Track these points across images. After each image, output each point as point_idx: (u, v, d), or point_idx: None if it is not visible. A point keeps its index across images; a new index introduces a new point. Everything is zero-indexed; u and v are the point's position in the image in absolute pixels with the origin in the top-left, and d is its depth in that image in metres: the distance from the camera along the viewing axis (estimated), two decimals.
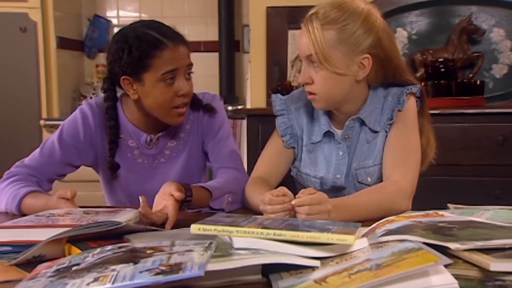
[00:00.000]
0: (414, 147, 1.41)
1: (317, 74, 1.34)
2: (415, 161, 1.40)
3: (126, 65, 1.38)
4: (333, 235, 0.86)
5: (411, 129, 1.42)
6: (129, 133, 1.50)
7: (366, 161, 1.43)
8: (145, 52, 1.35)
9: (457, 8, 2.67)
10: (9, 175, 1.40)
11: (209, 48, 3.88)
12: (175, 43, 1.38)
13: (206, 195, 1.31)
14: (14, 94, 3.32)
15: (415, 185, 1.37)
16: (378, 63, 1.36)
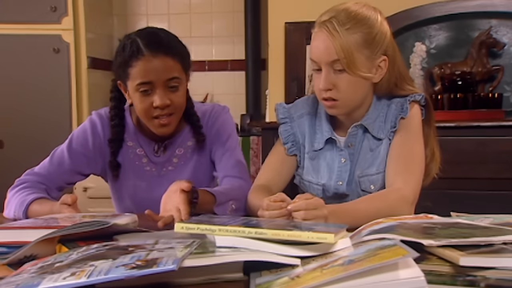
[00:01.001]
0: (418, 154, 1.40)
1: (342, 79, 1.33)
2: (418, 168, 1.39)
3: (116, 70, 1.42)
4: (313, 233, 0.88)
5: (415, 137, 1.41)
6: (138, 141, 1.54)
7: (370, 169, 1.43)
8: (125, 59, 1.37)
9: (477, 22, 2.66)
10: (19, 182, 1.45)
11: (236, 67, 3.94)
12: (153, 53, 1.36)
13: (211, 199, 1.32)
14: (46, 113, 3.44)
15: (417, 193, 1.37)
16: (389, 66, 1.38)
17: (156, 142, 1.54)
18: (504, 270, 0.78)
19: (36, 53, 3.47)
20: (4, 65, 3.46)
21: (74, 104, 3.51)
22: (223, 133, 1.56)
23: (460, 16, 2.68)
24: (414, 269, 0.75)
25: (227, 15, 3.96)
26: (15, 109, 3.43)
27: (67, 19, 3.47)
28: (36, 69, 3.47)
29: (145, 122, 1.45)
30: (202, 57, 3.99)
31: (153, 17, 4.05)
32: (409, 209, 1.32)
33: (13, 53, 3.46)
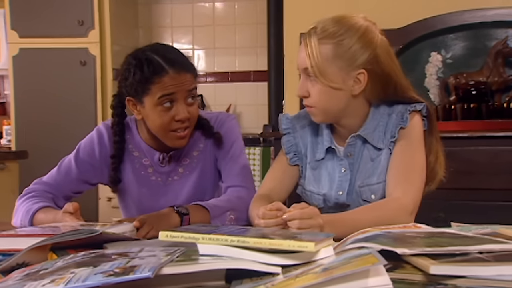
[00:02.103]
0: (418, 164, 1.41)
1: (314, 87, 1.37)
2: (418, 178, 1.40)
3: (130, 87, 1.45)
4: (294, 242, 0.90)
5: (416, 147, 1.42)
6: (143, 151, 1.57)
7: (370, 178, 1.45)
8: (146, 76, 1.41)
9: (494, 31, 2.65)
10: (27, 191, 1.50)
11: (259, 78, 3.98)
12: (177, 70, 1.42)
13: (204, 215, 1.36)
14: (71, 124, 3.53)
15: (417, 202, 1.38)
16: (375, 80, 1.38)
17: (161, 152, 1.57)
18: (474, 279, 0.79)
19: (64, 66, 3.58)
20: (33, 78, 3.58)
21: (100, 115, 3.59)
22: (228, 141, 1.58)
23: (476, 25, 2.67)
24: (383, 277, 0.78)
25: (250, 27, 4.01)
26: (41, 120, 3.54)
27: (94, 32, 3.57)
28: (63, 81, 3.57)
29: (161, 136, 1.48)
30: (225, 68, 4.05)
31: (177, 29, 4.13)
32: (408, 218, 1.32)
33: (41, 66, 3.58)
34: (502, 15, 2.57)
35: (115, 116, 1.55)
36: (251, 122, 3.97)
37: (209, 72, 4.06)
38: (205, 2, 4.06)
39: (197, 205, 1.39)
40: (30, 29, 3.58)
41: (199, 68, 4.05)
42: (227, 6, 4.05)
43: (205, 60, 4.08)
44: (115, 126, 1.55)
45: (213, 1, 4.06)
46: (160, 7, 4.09)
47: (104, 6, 3.60)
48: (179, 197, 1.55)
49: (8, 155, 2.86)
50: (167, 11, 4.10)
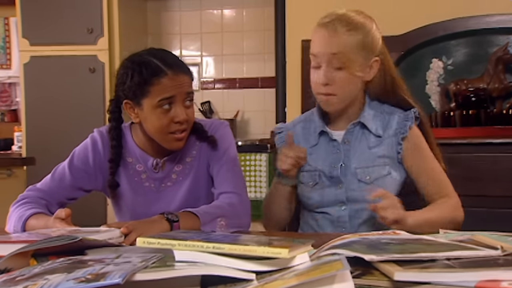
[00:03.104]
0: (440, 168, 1.56)
1: (338, 75, 1.46)
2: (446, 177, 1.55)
3: (128, 90, 1.46)
4: (268, 248, 0.91)
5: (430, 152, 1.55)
6: (137, 157, 1.60)
7: (367, 162, 1.54)
8: (145, 78, 1.43)
9: (495, 38, 2.65)
10: (20, 198, 1.52)
11: (266, 84, 4.00)
12: (175, 72, 1.45)
13: (194, 222, 1.38)
14: (80, 130, 3.56)
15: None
16: (381, 69, 1.51)
17: (155, 158, 1.59)
18: (438, 286, 0.81)
19: (73, 73, 3.63)
20: (43, 85, 3.64)
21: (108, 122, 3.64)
22: (221, 147, 1.60)
23: (478, 32, 2.67)
24: (348, 283, 0.80)
25: (258, 34, 4.04)
26: (51, 127, 3.59)
27: (103, 40, 3.61)
28: (73, 88, 3.62)
29: (159, 139, 1.52)
30: (233, 74, 4.08)
31: (186, 36, 4.17)
32: (462, 212, 1.52)
33: (51, 73, 3.64)
34: (504, 22, 2.57)
35: (112, 121, 1.58)
36: (258, 128, 4.00)
37: (217, 79, 4.09)
38: (213, 9, 4.09)
39: (187, 211, 1.41)
40: (41, 37, 3.65)
41: (207, 74, 4.09)
42: (235, 13, 4.08)
43: (214, 66, 4.12)
44: (112, 130, 1.58)
45: (221, 8, 4.09)
46: (169, 14, 4.14)
47: (114, 14, 3.65)
48: (173, 203, 1.58)
49: (16, 162, 2.91)
50: (176, 18, 4.15)
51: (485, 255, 0.91)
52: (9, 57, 4.02)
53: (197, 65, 4.09)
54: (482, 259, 0.89)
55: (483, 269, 0.82)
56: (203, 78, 4.07)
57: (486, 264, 0.86)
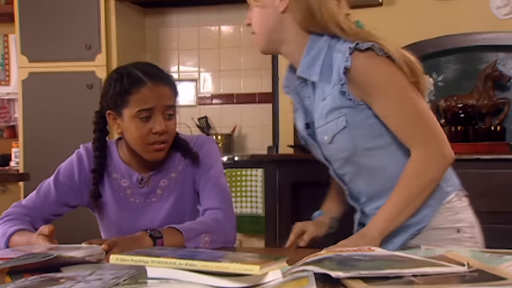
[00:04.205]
0: (416, 111, 1.37)
1: (251, 13, 1.49)
2: (426, 124, 1.38)
3: (110, 100, 1.51)
4: (240, 265, 0.94)
5: (395, 95, 1.36)
6: (122, 173, 1.62)
7: (320, 120, 1.45)
8: (125, 88, 1.47)
9: (484, 55, 2.69)
10: (5, 214, 1.55)
11: (263, 99, 4.02)
12: (155, 82, 1.49)
13: (178, 238, 1.40)
14: (79, 145, 3.61)
15: (445, 143, 1.39)
16: (299, 3, 1.41)
17: (140, 173, 1.62)
18: None
19: (71, 89, 3.66)
20: (41, 101, 3.67)
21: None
22: (207, 163, 1.62)
23: (467, 49, 2.71)
24: None
25: (255, 50, 3.97)
26: (48, 142, 3.61)
27: (101, 56, 3.65)
28: (70, 104, 3.65)
29: (139, 149, 1.54)
30: (230, 90, 4.11)
31: (184, 52, 4.20)
32: (434, 168, 1.36)
33: (49, 89, 3.67)
34: (491, 39, 2.61)
35: (97, 132, 1.61)
36: (255, 144, 4.01)
37: (214, 94, 4.12)
38: (211, 25, 4.13)
39: (171, 228, 1.43)
40: (39, 53, 3.69)
41: (204, 90, 4.12)
42: (232, 29, 4.12)
43: (211, 82, 4.15)
44: (96, 141, 1.60)
45: (219, 25, 4.13)
46: (167, 31, 4.18)
47: (111, 30, 3.69)
48: (157, 218, 1.60)
49: (10, 177, 2.93)
50: (174, 34, 4.18)
51: (451, 272, 0.93)
52: (8, 74, 4.07)
53: (195, 80, 4.12)
54: (448, 276, 0.91)
55: (447, 285, 0.85)
56: (200, 94, 4.10)
57: (450, 280, 0.88)
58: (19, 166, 3.70)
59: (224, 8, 4.02)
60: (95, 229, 1.72)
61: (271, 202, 2.56)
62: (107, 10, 3.66)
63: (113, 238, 1.33)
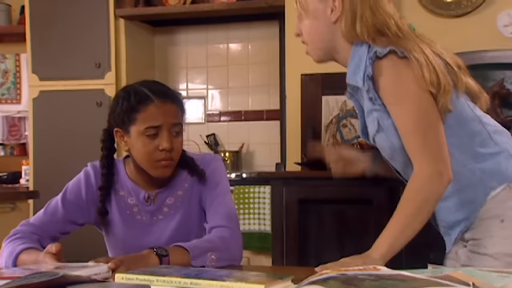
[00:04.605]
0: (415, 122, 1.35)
1: (302, 24, 1.51)
2: (424, 136, 1.34)
3: (117, 117, 1.53)
4: (244, 284, 0.96)
5: (405, 100, 1.35)
6: (129, 190, 1.64)
7: (365, 123, 1.50)
8: (132, 105, 1.50)
9: (491, 73, 2.68)
10: (13, 233, 1.56)
11: (271, 117, 4.03)
12: (162, 100, 1.51)
13: (184, 256, 1.41)
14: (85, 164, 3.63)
15: (442, 161, 1.34)
16: (347, 11, 1.44)
17: (147, 191, 1.63)
18: None
19: (81, 107, 3.70)
20: (51, 119, 3.72)
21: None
22: (213, 181, 1.64)
23: (474, 67, 2.70)
24: None
25: (263, 67, 4.09)
26: (57, 160, 3.64)
27: (110, 74, 3.69)
28: (80, 122, 3.68)
29: (146, 166, 1.56)
30: (238, 107, 4.13)
31: (192, 69, 4.24)
32: (436, 185, 1.33)
33: (59, 107, 3.72)
34: (498, 57, 2.62)
35: (104, 150, 1.63)
36: (263, 161, 4.02)
37: (222, 111, 4.14)
38: (219, 43, 4.16)
39: (177, 246, 1.43)
40: (50, 72, 3.73)
41: (212, 107, 4.14)
42: (240, 47, 4.15)
43: (219, 99, 4.17)
44: (103, 159, 1.62)
45: (227, 42, 4.16)
46: (176, 49, 4.22)
47: (121, 49, 3.74)
48: (164, 236, 1.61)
49: (20, 195, 2.96)
50: (183, 52, 4.22)
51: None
52: (19, 92, 4.12)
53: (203, 98, 4.15)
54: None
55: None
56: (208, 111, 4.12)
57: None
58: (29, 184, 3.73)
59: (232, 26, 4.06)
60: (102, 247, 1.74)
61: (277, 219, 2.56)
62: (117, 29, 3.71)
63: (119, 257, 1.34)
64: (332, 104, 2.98)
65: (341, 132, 2.96)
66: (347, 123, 2.95)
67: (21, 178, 3.95)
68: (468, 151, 1.43)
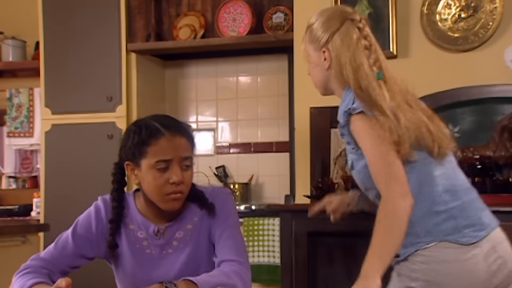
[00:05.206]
0: (375, 157, 1.61)
1: (308, 66, 1.84)
2: (383, 169, 1.59)
3: (128, 151, 1.55)
4: None
5: (366, 141, 1.63)
6: (139, 224, 1.64)
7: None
8: (143, 139, 1.52)
9: (499, 107, 2.70)
10: (23, 267, 1.57)
11: (281, 148, 4.05)
12: (172, 133, 1.54)
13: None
14: (98, 194, 3.63)
15: (398, 184, 1.57)
16: (333, 60, 1.73)
17: (156, 224, 1.64)
18: None
19: (92, 140, 3.74)
20: (63, 152, 3.76)
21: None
22: (222, 214, 1.64)
23: (483, 101, 2.73)
24: None
25: (272, 99, 4.12)
26: (67, 193, 3.67)
27: (121, 107, 3.73)
28: (91, 154, 3.72)
29: (156, 199, 1.57)
30: (248, 139, 4.15)
31: (202, 102, 4.27)
32: (403, 203, 1.56)
33: (71, 140, 3.76)
34: (506, 92, 2.64)
35: (115, 183, 1.65)
36: (273, 192, 4.03)
37: (232, 143, 4.16)
38: (229, 76, 4.21)
39: (186, 280, 1.43)
40: (62, 105, 3.79)
41: (222, 139, 4.17)
42: (250, 80, 4.19)
43: (229, 131, 4.20)
44: (114, 192, 1.64)
45: (236, 75, 4.20)
46: (186, 82, 4.27)
47: (132, 82, 3.79)
48: (173, 270, 1.61)
49: (30, 228, 2.97)
50: (193, 85, 4.26)
51: None
52: (32, 126, 4.17)
53: (213, 130, 4.18)
54: None
55: None
56: (218, 143, 4.15)
57: None
58: (39, 216, 3.75)
59: (241, 59, 4.11)
60: (111, 281, 1.75)
61: (286, 252, 2.56)
62: (128, 63, 3.77)
63: None
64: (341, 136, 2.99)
65: None
66: None
67: (32, 210, 3.98)
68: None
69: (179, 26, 3.69)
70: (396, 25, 2.92)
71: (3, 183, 4.32)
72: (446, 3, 2.87)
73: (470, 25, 2.82)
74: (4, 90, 4.24)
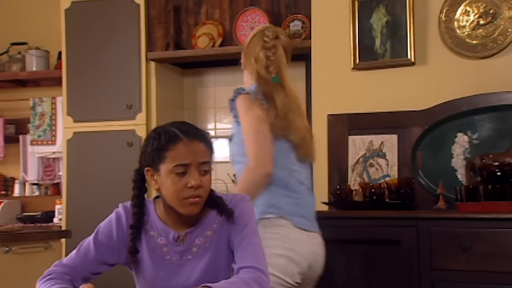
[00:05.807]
0: (248, 130, 2.09)
1: None
2: (252, 142, 2.08)
3: (148, 157, 1.57)
4: None
5: (250, 122, 2.09)
6: (159, 230, 1.66)
7: None
8: (162, 145, 1.54)
9: None
10: (47, 273, 1.59)
11: None
12: (190, 138, 1.56)
13: None
14: (119, 201, 3.64)
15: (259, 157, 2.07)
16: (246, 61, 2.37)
17: (176, 231, 1.65)
18: None
19: (112, 148, 3.80)
20: (84, 159, 3.82)
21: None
22: (242, 221, 1.65)
23: (502, 107, 2.72)
24: None
25: None
26: (88, 200, 3.73)
27: (141, 115, 3.78)
28: (111, 162, 3.77)
29: (174, 203, 1.59)
30: None
31: (220, 110, 4.30)
32: (252, 176, 2.09)
33: (92, 148, 3.83)
34: None
35: (135, 189, 1.67)
36: None
37: None
38: None
39: (206, 286, 1.45)
40: (84, 114, 3.86)
41: None
42: None
43: None
44: (134, 198, 1.66)
45: None
46: (204, 90, 4.30)
47: (152, 91, 3.84)
48: (192, 277, 1.62)
49: (52, 235, 3.01)
50: (211, 93, 4.30)
51: None
52: (54, 134, 4.25)
53: None
54: None
55: None
56: None
57: None
58: (61, 223, 3.81)
59: None
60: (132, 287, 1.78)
61: None
62: (148, 72, 3.83)
63: None
64: (359, 143, 3.00)
65: (368, 172, 2.97)
66: (374, 162, 2.96)
67: (54, 217, 4.04)
68: None
69: (198, 35, 3.73)
70: (414, 32, 2.92)
71: (27, 190, 4.40)
72: (464, 10, 2.87)
73: (489, 32, 2.81)
74: (27, 99, 4.34)
